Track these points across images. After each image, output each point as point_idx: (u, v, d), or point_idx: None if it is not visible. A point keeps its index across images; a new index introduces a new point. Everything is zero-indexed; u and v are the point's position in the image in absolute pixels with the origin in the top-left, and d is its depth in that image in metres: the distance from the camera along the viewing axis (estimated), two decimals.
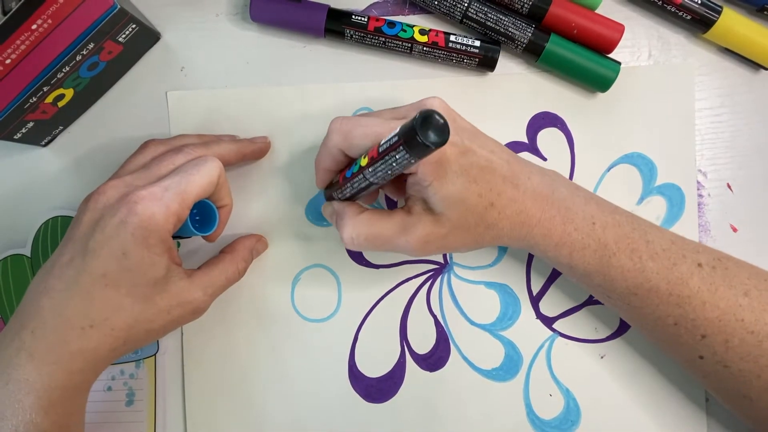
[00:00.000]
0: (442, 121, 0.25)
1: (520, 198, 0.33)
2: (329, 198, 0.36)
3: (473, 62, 0.40)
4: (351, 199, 0.35)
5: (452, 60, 0.40)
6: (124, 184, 0.33)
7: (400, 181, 0.35)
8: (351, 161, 0.33)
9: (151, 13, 0.41)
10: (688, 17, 0.40)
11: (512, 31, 0.39)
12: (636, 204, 0.41)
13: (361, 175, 0.30)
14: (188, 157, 0.34)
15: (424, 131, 0.24)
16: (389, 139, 0.27)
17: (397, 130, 0.26)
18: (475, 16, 0.39)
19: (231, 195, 0.37)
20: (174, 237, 0.35)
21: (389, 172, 0.29)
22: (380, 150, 0.28)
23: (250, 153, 0.39)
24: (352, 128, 0.32)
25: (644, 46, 0.42)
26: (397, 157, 0.27)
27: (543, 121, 0.41)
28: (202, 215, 0.36)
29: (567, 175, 0.41)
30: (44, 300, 0.31)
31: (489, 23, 0.39)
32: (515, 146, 0.41)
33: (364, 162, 0.30)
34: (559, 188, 0.34)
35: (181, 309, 0.33)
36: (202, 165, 0.33)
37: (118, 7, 0.33)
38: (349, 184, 0.33)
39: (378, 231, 0.33)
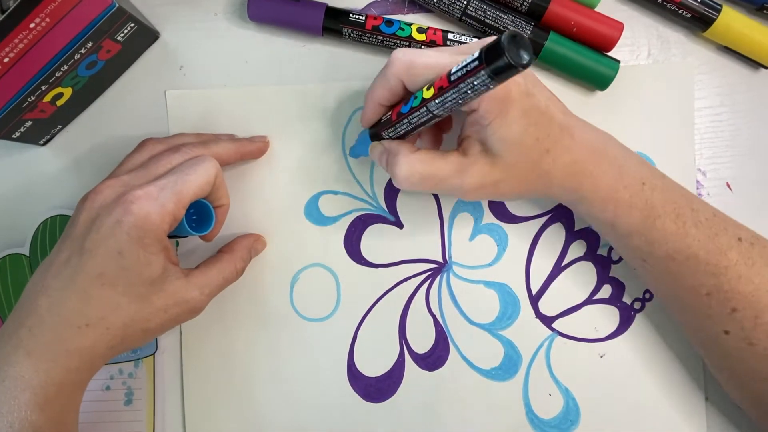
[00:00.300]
0: (528, 43, 0.24)
1: (575, 148, 0.33)
2: (376, 137, 0.35)
3: None
4: (403, 137, 0.34)
5: None
6: (120, 184, 0.33)
7: (438, 132, 0.35)
8: (405, 96, 0.33)
9: (149, 11, 0.41)
10: (688, 15, 0.40)
11: (511, 28, 0.39)
12: None
13: (424, 108, 0.29)
14: (185, 157, 0.34)
15: (514, 50, 0.23)
16: (466, 65, 0.26)
17: (477, 53, 0.25)
18: (474, 14, 0.39)
19: (228, 195, 0.37)
20: (171, 237, 0.35)
21: (461, 101, 0.28)
22: (452, 78, 0.27)
23: (248, 152, 0.39)
24: (415, 58, 0.31)
25: (644, 45, 0.42)
26: (475, 82, 0.26)
27: None
28: (200, 215, 0.36)
29: None
30: (42, 298, 0.31)
31: (488, 21, 0.39)
32: None
33: (428, 94, 0.29)
34: (613, 147, 0.35)
35: (178, 308, 0.33)
36: (198, 165, 0.33)
37: (117, 5, 0.33)
38: (406, 120, 0.31)
39: (434, 170, 0.33)
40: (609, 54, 0.40)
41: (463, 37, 0.39)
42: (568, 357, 0.41)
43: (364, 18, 0.39)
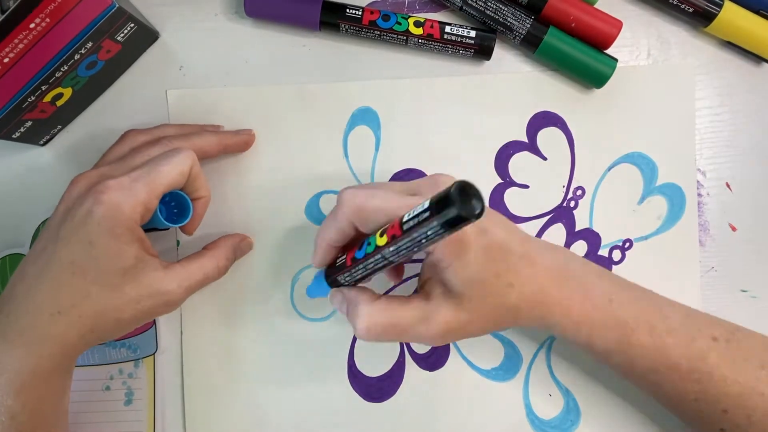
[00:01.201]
0: (479, 192, 0.23)
1: (537, 275, 0.32)
2: (334, 283, 0.34)
3: (469, 53, 0.40)
4: (361, 281, 0.32)
5: (448, 51, 0.40)
6: (97, 175, 0.33)
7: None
8: (357, 237, 0.32)
9: (149, 12, 0.41)
10: (690, 10, 0.40)
11: (511, 21, 0.39)
12: (637, 203, 0.41)
13: (379, 255, 0.28)
14: (164, 149, 0.35)
15: (464, 202, 0.23)
16: (416, 214, 0.25)
17: (428, 203, 0.24)
18: (474, 4, 0.39)
19: (208, 187, 0.37)
20: (148, 229, 0.35)
21: (416, 249, 0.26)
22: (405, 227, 0.26)
23: (232, 144, 0.39)
24: (365, 201, 0.30)
25: (643, 45, 0.42)
26: (428, 232, 0.25)
27: (543, 120, 0.41)
28: (179, 207, 0.36)
29: (567, 175, 0.41)
30: (18, 286, 0.32)
31: (488, 12, 0.39)
32: (515, 146, 0.41)
33: (381, 241, 0.27)
34: (570, 263, 0.34)
35: (152, 300, 0.33)
36: (173, 156, 0.33)
37: (117, 5, 0.33)
38: (362, 266, 0.30)
39: (396, 320, 0.31)
40: (607, 52, 0.40)
41: (461, 29, 0.39)
42: (569, 357, 0.41)
43: (360, 13, 0.39)
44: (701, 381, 0.33)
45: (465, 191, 0.23)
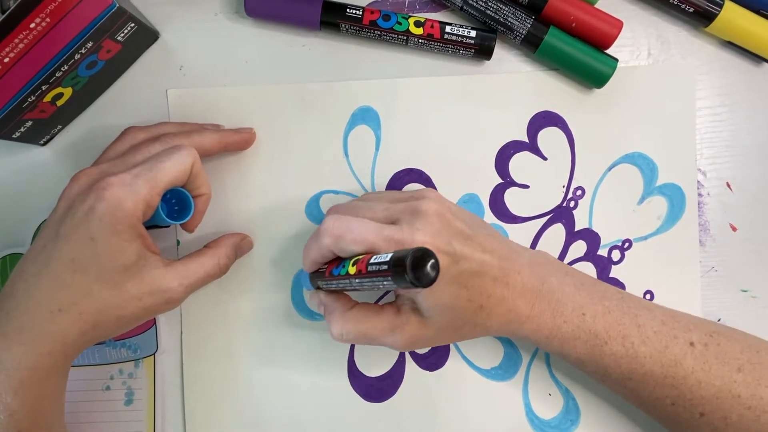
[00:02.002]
0: (434, 262, 0.24)
1: (509, 296, 0.33)
2: (316, 285, 0.35)
3: (469, 52, 0.40)
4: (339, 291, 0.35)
5: (448, 51, 0.40)
6: (98, 171, 0.33)
7: None
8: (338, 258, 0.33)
9: (149, 11, 0.41)
10: (691, 10, 0.40)
11: (511, 21, 0.39)
12: (637, 204, 0.41)
13: (348, 281, 0.30)
14: (165, 146, 0.35)
15: (416, 272, 0.24)
16: (379, 263, 0.26)
17: (389, 258, 0.26)
18: (475, 4, 0.39)
19: (209, 184, 0.37)
20: (149, 226, 0.34)
21: (374, 290, 0.29)
22: (369, 268, 0.27)
23: (233, 142, 0.39)
24: (343, 233, 0.31)
25: (644, 45, 0.42)
26: (384, 283, 0.27)
27: (544, 120, 0.41)
28: (181, 205, 0.36)
29: (567, 175, 0.41)
30: (18, 283, 0.32)
31: (489, 12, 0.39)
32: (516, 146, 0.41)
33: (352, 270, 0.29)
34: (549, 278, 0.35)
35: (154, 298, 0.33)
36: (174, 153, 0.33)
37: (117, 5, 0.33)
38: (335, 282, 0.32)
39: (367, 329, 0.33)
40: (608, 52, 0.40)
41: (461, 29, 0.39)
42: None
43: (361, 13, 0.39)
44: (676, 386, 0.33)
45: (421, 261, 0.24)
